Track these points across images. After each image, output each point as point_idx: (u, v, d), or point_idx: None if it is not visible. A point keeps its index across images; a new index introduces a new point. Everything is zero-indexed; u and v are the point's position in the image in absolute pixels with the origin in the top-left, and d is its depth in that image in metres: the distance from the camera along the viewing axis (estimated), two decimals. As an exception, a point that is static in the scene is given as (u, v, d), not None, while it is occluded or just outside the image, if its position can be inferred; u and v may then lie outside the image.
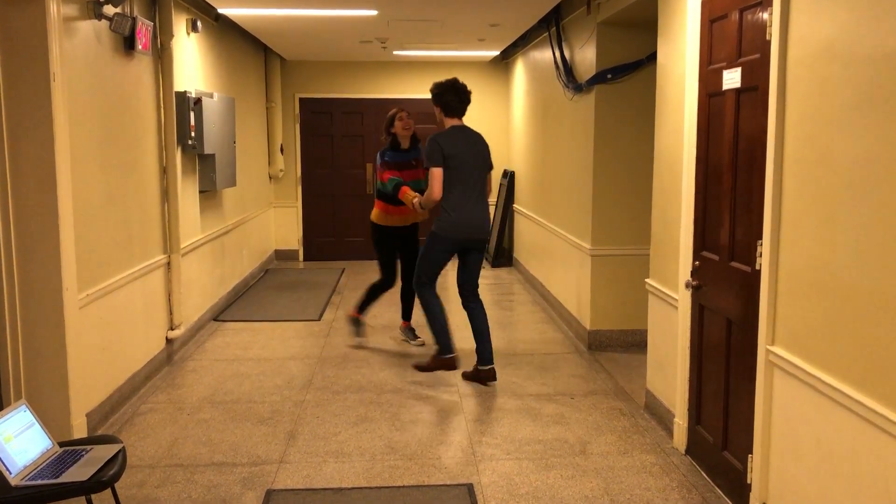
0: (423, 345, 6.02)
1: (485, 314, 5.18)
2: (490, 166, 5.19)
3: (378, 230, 5.98)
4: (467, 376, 5.16)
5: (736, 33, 3.32)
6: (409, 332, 6.18)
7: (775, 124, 2.93)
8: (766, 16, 3.03)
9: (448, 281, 8.46)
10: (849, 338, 2.50)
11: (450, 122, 5.10)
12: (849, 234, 2.49)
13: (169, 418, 4.49)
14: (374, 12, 6.25)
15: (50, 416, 3.80)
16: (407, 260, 6.02)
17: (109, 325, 4.50)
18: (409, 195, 5.46)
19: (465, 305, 5.22)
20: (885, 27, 2.29)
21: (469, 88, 5.14)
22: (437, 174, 4.93)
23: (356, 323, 6.15)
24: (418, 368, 5.32)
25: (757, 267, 3.13)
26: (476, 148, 5.07)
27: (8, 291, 3.71)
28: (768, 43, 3.00)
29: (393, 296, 7.79)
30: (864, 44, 2.40)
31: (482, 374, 5.07)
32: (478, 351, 5.10)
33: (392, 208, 5.83)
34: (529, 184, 8.57)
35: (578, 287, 6.21)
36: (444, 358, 5.15)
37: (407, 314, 6.22)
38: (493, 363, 5.08)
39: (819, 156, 2.66)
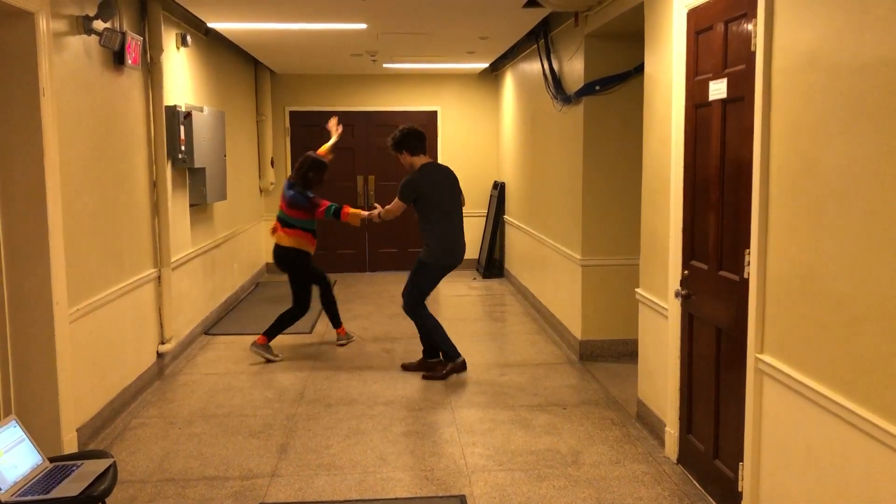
0: (345, 343, 6.40)
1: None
2: (462, 194, 5.69)
3: (304, 257, 6.08)
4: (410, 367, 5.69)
5: (721, 45, 3.36)
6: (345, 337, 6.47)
7: (761, 134, 2.96)
8: (750, 27, 3.07)
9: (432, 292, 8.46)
10: (836, 345, 2.52)
11: (420, 161, 5.53)
12: (835, 242, 2.52)
13: (160, 433, 4.48)
14: (363, 26, 6.29)
15: (40, 431, 3.78)
16: (319, 283, 6.33)
17: (100, 340, 4.48)
18: (362, 213, 5.86)
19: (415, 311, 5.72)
20: (867, 37, 2.33)
21: (419, 134, 5.55)
22: (400, 206, 5.55)
23: (266, 349, 6.02)
24: (432, 378, 5.47)
25: (745, 276, 3.15)
26: (450, 179, 5.59)
27: (-3, 306, 3.71)
28: (753, 54, 3.04)
29: (380, 308, 7.79)
30: (847, 53, 2.43)
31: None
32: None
33: (313, 238, 6.12)
34: (520, 195, 8.60)
35: (569, 297, 6.23)
36: (455, 363, 5.54)
37: (337, 321, 6.47)
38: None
39: (804, 165, 2.69)
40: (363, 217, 5.86)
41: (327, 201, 6.01)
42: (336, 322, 6.46)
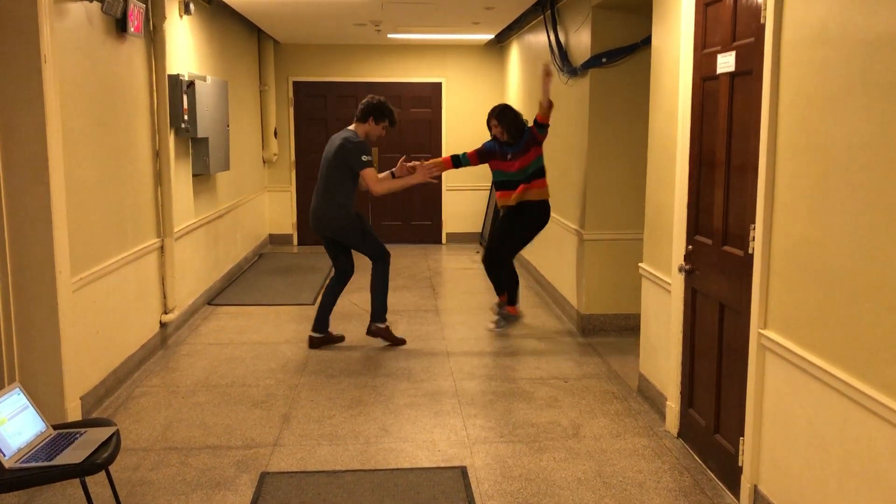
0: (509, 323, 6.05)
1: (375, 278, 5.67)
2: (340, 165, 5.33)
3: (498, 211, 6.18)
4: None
5: (730, 17, 3.31)
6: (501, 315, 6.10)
7: (769, 108, 2.93)
8: (760, -1, 3.02)
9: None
10: (840, 321, 2.51)
11: None
12: (841, 218, 2.50)
13: (163, 402, 4.50)
14: (368, -5, 6.22)
15: (44, 399, 3.80)
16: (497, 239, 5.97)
17: (103, 309, 4.49)
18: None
19: None
20: (878, 10, 2.29)
21: (365, 103, 5.47)
22: None
23: (500, 307, 6.06)
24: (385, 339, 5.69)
25: (750, 251, 3.14)
26: (332, 147, 5.42)
27: (1, 274, 3.71)
28: (762, 26, 3.00)
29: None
30: (858, 27, 2.40)
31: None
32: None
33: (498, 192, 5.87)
34: (524, 168, 8.54)
35: (572, 271, 6.23)
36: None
37: (500, 291, 6.07)
38: (373, 321, 5.65)
39: (812, 140, 2.67)
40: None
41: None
42: (498, 290, 6.09)
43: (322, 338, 5.59)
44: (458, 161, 5.80)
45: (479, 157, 5.81)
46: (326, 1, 6.56)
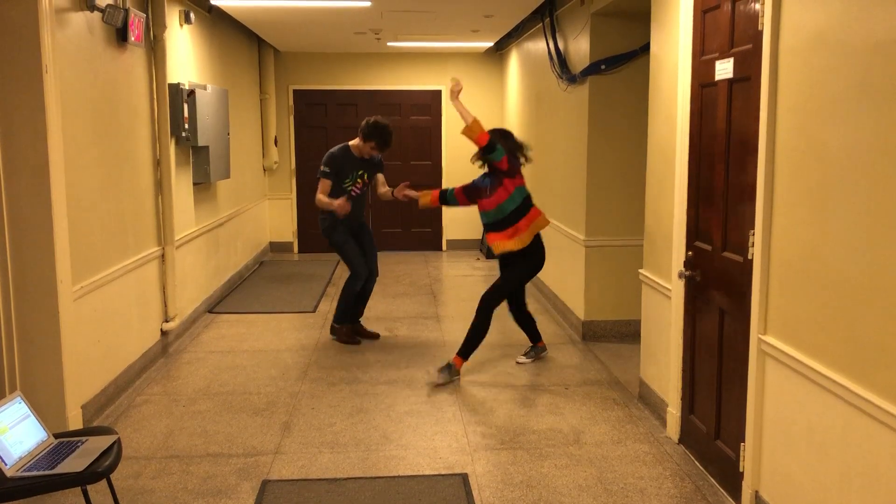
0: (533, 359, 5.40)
1: (344, 286, 5.90)
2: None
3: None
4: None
5: (728, 23, 3.33)
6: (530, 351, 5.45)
7: (767, 114, 2.94)
8: (758, 6, 3.04)
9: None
10: (840, 326, 2.52)
11: None
12: (840, 224, 2.51)
13: (164, 410, 4.50)
14: (367, 3, 6.24)
15: (45, 407, 3.80)
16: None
17: (104, 317, 4.50)
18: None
19: None
20: (876, 16, 2.30)
21: (363, 122, 5.65)
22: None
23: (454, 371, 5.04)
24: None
25: (749, 257, 3.15)
26: None
27: (2, 283, 3.71)
28: (760, 33, 3.01)
29: (384, 287, 7.80)
30: (856, 33, 2.41)
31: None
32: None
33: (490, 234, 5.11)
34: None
35: (573, 278, 6.23)
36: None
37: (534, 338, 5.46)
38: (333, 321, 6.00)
39: (811, 145, 2.67)
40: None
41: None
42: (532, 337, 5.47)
43: (339, 329, 5.94)
44: (444, 197, 5.19)
45: (465, 193, 5.10)
46: (326, 10, 6.58)
